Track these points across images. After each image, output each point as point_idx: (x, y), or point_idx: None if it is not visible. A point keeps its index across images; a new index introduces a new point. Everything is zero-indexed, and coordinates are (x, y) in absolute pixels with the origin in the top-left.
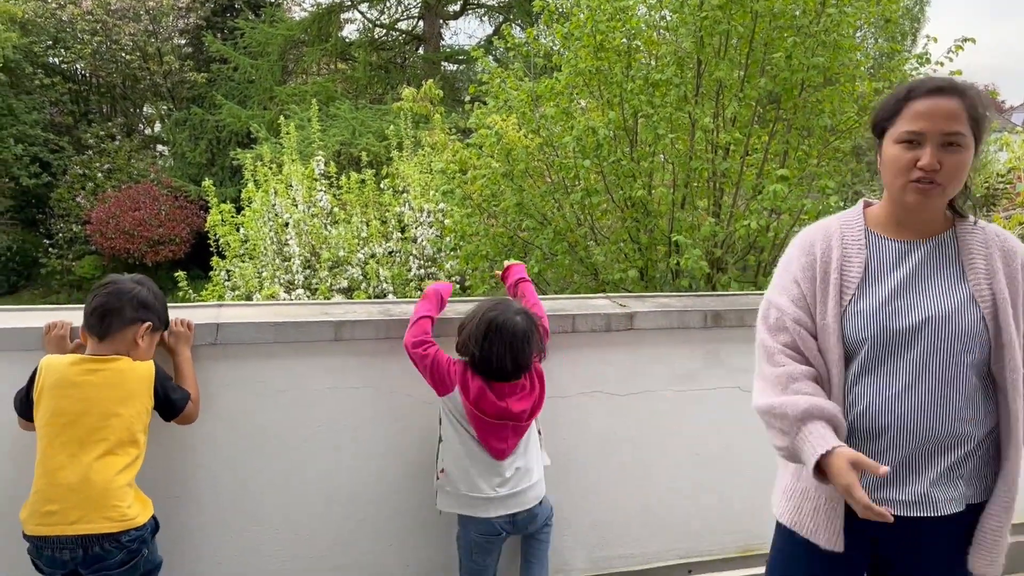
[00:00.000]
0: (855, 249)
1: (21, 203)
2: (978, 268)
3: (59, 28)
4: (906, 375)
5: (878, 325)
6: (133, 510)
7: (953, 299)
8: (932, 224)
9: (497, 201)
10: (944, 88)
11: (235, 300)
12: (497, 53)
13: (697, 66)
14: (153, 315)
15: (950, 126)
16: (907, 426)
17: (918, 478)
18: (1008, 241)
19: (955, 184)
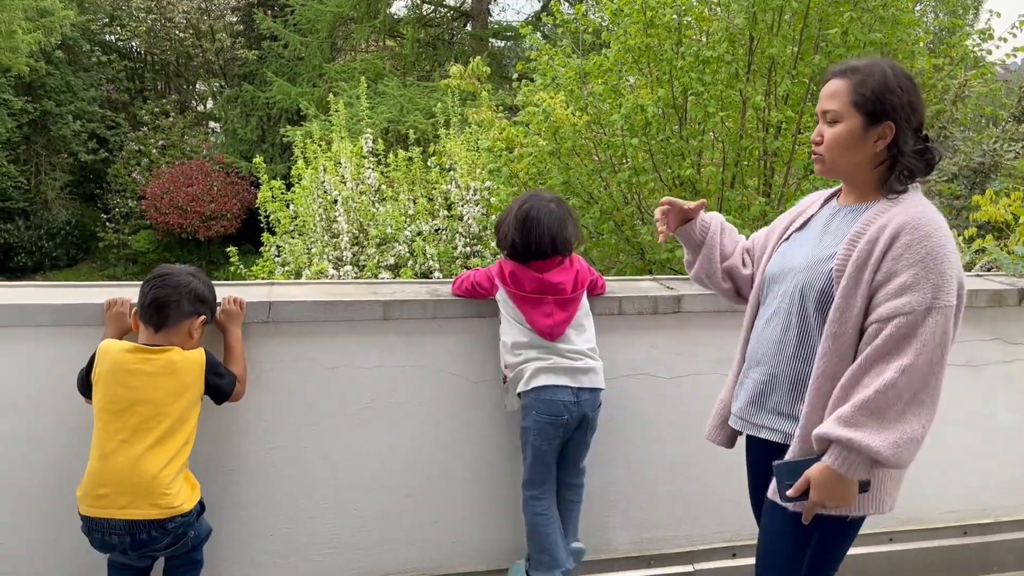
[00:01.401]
0: (810, 209)
1: (80, 178)
2: (856, 231)
3: (115, 6)
4: (770, 309)
5: (773, 265)
6: (180, 497)
7: (820, 253)
8: (863, 194)
9: (543, 179)
10: (836, 71)
11: (285, 276)
12: (545, 29)
13: (749, 43)
14: (207, 308)
15: (827, 104)
16: (760, 356)
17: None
18: (904, 214)
19: (834, 153)
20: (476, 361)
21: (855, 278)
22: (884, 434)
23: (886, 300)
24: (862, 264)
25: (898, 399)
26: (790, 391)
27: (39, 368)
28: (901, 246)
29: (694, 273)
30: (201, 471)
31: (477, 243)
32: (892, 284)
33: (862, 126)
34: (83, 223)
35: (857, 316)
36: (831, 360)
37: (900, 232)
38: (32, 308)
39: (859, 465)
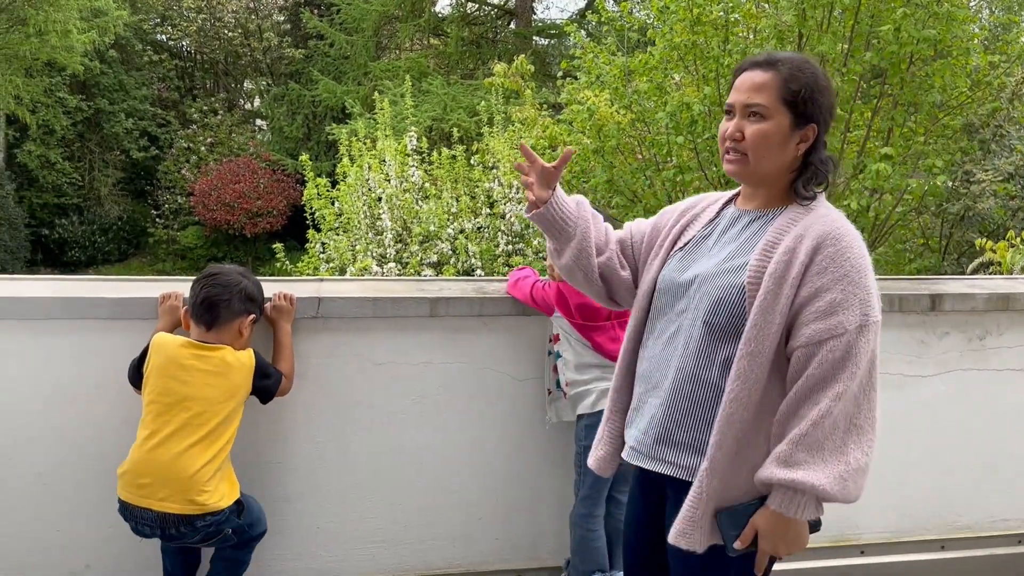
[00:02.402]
0: (707, 213)
1: (131, 175)
2: (768, 241)
3: (166, 6)
4: (670, 328)
5: (669, 277)
6: (215, 496)
7: (727, 264)
8: (771, 199)
9: (587, 178)
10: (760, 62)
11: (329, 272)
12: (589, 27)
13: (798, 40)
14: (256, 307)
15: (751, 97)
16: (658, 378)
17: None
18: (821, 224)
19: (758, 153)
20: (521, 359)
21: (773, 293)
22: (827, 469)
23: (815, 320)
24: (780, 278)
25: (835, 429)
26: (695, 420)
27: (96, 359)
28: (824, 259)
29: (565, 263)
30: (251, 464)
31: (519, 241)
32: (820, 302)
33: (790, 125)
34: (134, 219)
35: (775, 335)
36: (745, 382)
37: (821, 244)
38: (90, 301)
39: (806, 505)
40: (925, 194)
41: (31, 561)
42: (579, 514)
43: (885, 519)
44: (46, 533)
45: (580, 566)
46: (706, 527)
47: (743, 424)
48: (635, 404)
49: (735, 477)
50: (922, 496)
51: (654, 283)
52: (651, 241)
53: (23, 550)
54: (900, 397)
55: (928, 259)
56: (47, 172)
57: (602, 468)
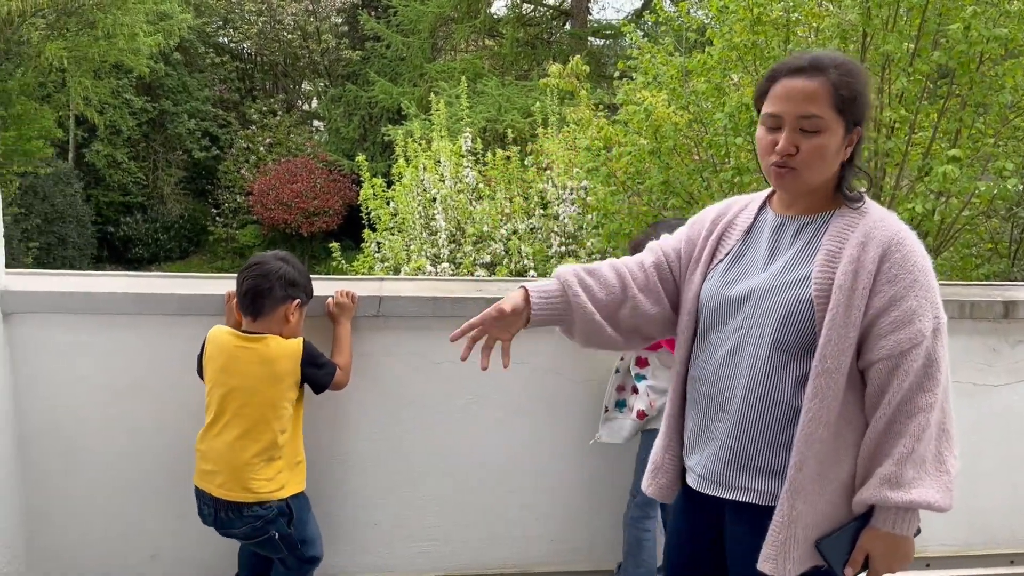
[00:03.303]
0: (742, 220)
1: (192, 175)
2: (829, 250)
3: (229, 9)
4: (725, 345)
5: (718, 293)
6: (266, 487)
7: (787, 276)
8: (815, 203)
9: (642, 179)
10: (804, 68)
11: (384, 271)
12: (646, 27)
13: (862, 39)
14: (300, 291)
15: (804, 108)
16: (723, 401)
17: (711, 450)
18: (881, 229)
19: (813, 168)
20: (579, 361)
21: (845, 306)
22: (935, 482)
23: (893, 331)
24: (850, 289)
25: (931, 440)
26: (769, 442)
27: (164, 353)
28: (893, 266)
29: (579, 343)
30: (310, 460)
31: (572, 242)
32: (895, 311)
33: (843, 133)
34: (195, 217)
35: (850, 349)
36: (824, 400)
37: (887, 251)
38: (160, 297)
39: (913, 519)
40: (994, 197)
41: (99, 549)
42: (634, 516)
43: (953, 532)
44: (115, 522)
45: (632, 569)
46: (793, 552)
47: (823, 443)
48: (696, 428)
49: (820, 498)
50: (992, 509)
51: (697, 301)
52: (687, 255)
53: (92, 538)
54: (971, 406)
55: (996, 264)
56: (113, 171)
57: (664, 496)
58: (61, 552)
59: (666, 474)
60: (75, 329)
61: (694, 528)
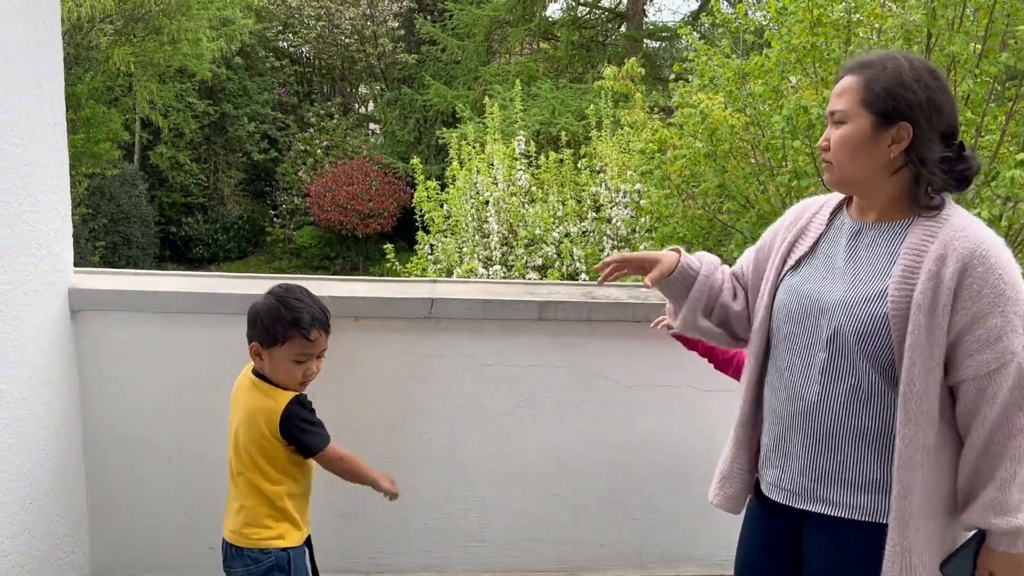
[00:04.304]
0: (815, 225)
1: (251, 176)
2: (906, 264)
3: (288, 14)
4: (802, 357)
5: (794, 302)
6: (264, 533)
7: (864, 289)
8: (890, 210)
9: (697, 182)
10: (851, 68)
11: (436, 273)
12: (703, 29)
13: (927, 40)
14: (257, 332)
15: (834, 103)
16: (797, 416)
17: (796, 465)
18: (962, 240)
19: (842, 159)
20: (630, 365)
21: (927, 326)
22: None
23: (979, 350)
24: (930, 309)
25: None
26: (850, 456)
27: (222, 351)
28: (975, 281)
29: (679, 326)
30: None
31: (625, 246)
32: (979, 329)
33: (872, 127)
34: (253, 218)
35: (937, 368)
36: (919, 426)
37: (968, 265)
38: (219, 297)
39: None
40: None
41: (160, 540)
42: None
43: None
44: (173, 515)
45: None
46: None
47: (924, 469)
48: (772, 441)
49: (930, 521)
50: None
51: (770, 309)
52: (759, 263)
53: (153, 529)
54: None
55: None
56: (176, 173)
57: (731, 506)
58: (123, 543)
59: (734, 484)
60: (139, 326)
61: (768, 539)
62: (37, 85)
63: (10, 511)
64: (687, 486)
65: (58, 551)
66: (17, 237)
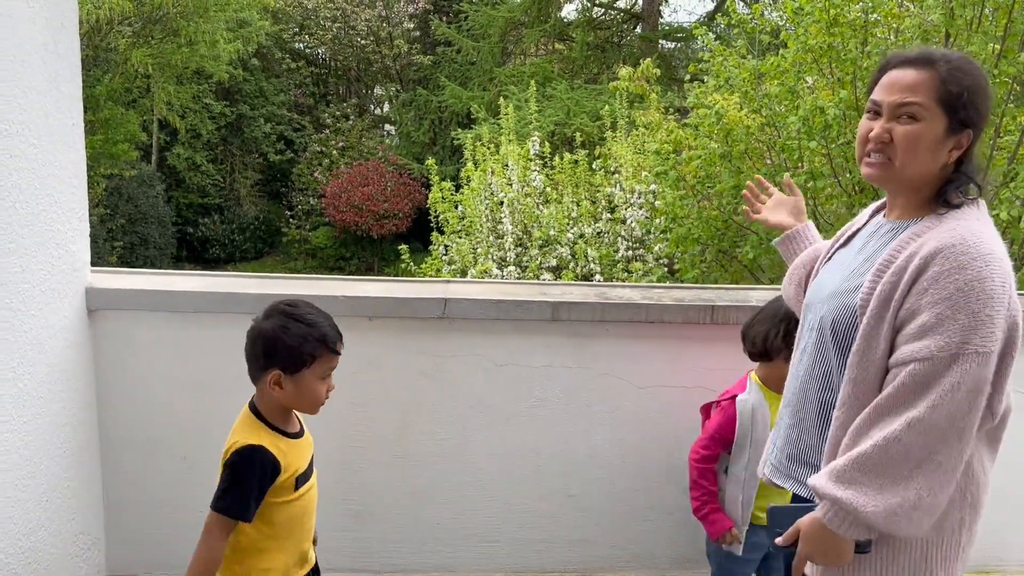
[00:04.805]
0: (858, 221)
1: (268, 177)
2: (885, 258)
3: (304, 16)
4: (800, 345)
5: (809, 290)
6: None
7: (847, 283)
8: (910, 208)
9: (712, 183)
10: (914, 60)
11: (451, 274)
12: (718, 30)
13: (945, 40)
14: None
15: (904, 96)
16: (790, 396)
17: (778, 443)
18: (940, 239)
19: (906, 157)
20: (643, 366)
21: (877, 316)
22: (881, 497)
23: (905, 343)
24: (885, 299)
25: (906, 458)
26: (817, 439)
27: (238, 351)
28: (928, 279)
29: (783, 294)
30: (376, 458)
31: (639, 247)
32: (913, 324)
33: (945, 129)
34: (269, 219)
35: (880, 360)
36: (851, 409)
37: (929, 262)
38: (234, 297)
39: (852, 525)
40: None
41: (174, 539)
42: None
43: None
44: (189, 513)
45: None
46: None
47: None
48: (776, 420)
49: None
50: None
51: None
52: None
53: (167, 526)
54: None
55: None
56: (193, 174)
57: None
58: (139, 540)
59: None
60: (155, 326)
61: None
62: (55, 86)
63: (27, 508)
64: None
65: (75, 548)
66: (35, 236)
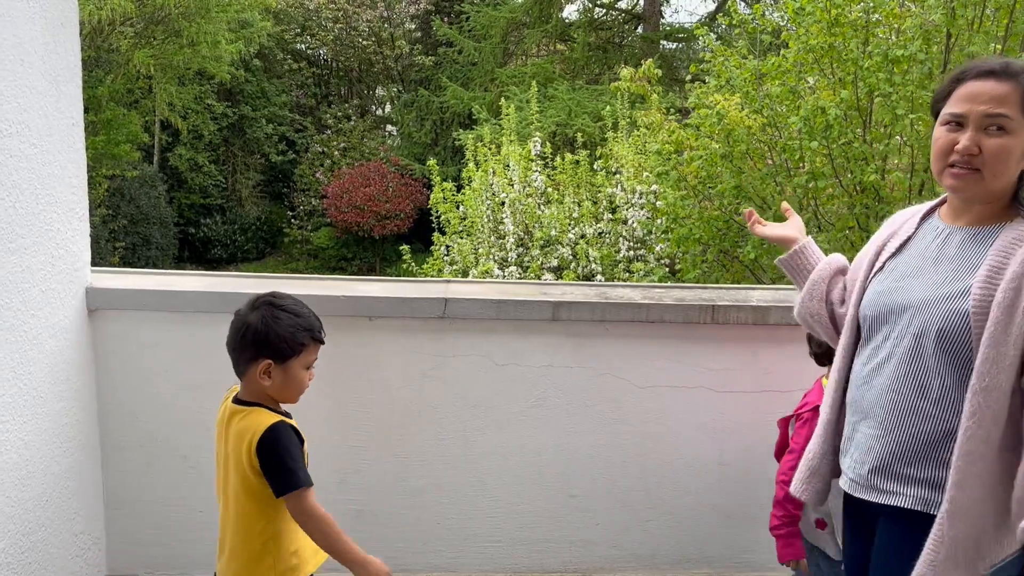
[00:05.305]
0: (905, 230)
1: (269, 178)
2: (992, 265)
3: (306, 17)
4: (880, 353)
5: (877, 301)
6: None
7: (947, 288)
8: (987, 214)
9: (713, 183)
10: (995, 71)
11: (452, 274)
12: (720, 30)
13: (946, 40)
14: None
15: (992, 108)
16: (869, 407)
17: (860, 455)
18: None
19: (997, 170)
20: (643, 366)
21: (1004, 323)
22: None
23: None
24: (1010, 307)
25: None
26: (916, 452)
27: None
28: None
29: (797, 310)
30: (378, 459)
31: (640, 247)
32: None
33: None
34: (271, 219)
35: (1010, 367)
36: (981, 420)
37: None
38: (233, 296)
39: None
40: None
41: (175, 538)
42: None
43: None
44: (189, 512)
45: None
46: (949, 572)
47: (985, 463)
48: (848, 433)
49: (983, 518)
50: None
51: (857, 310)
52: (854, 271)
53: (167, 526)
54: None
55: None
56: (195, 174)
57: (818, 499)
58: (139, 540)
59: (822, 479)
60: (155, 325)
61: (853, 530)
62: (55, 86)
63: (27, 507)
64: (701, 487)
65: (75, 547)
66: (35, 236)
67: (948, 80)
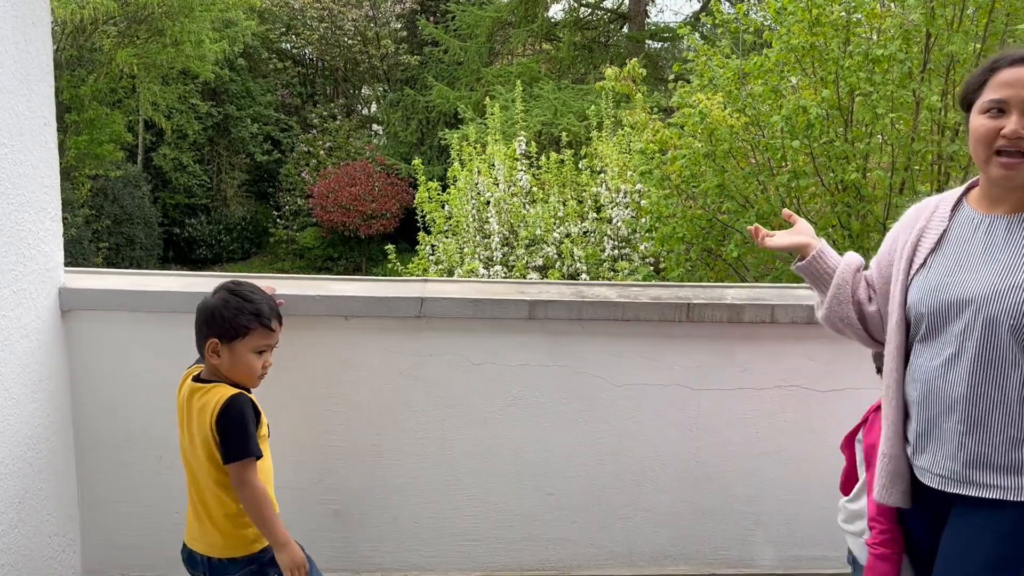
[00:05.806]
0: (936, 222)
1: (255, 177)
2: None
3: (291, 16)
4: (948, 348)
5: (932, 297)
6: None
7: (1008, 279)
8: (1021, 200)
9: (697, 182)
10: None
11: (438, 274)
12: (704, 30)
13: (926, 39)
14: (215, 328)
15: None
16: (951, 402)
17: (946, 450)
18: None
19: None
20: (620, 364)
21: None
22: None
23: None
24: None
25: None
26: (1001, 440)
27: None
28: None
29: (825, 315)
30: (355, 457)
31: (625, 246)
32: None
33: None
34: (256, 219)
35: None
36: None
37: None
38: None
39: None
40: None
41: (150, 541)
42: None
43: None
44: (165, 513)
45: None
46: None
47: None
48: (923, 430)
49: None
50: None
51: (904, 307)
52: (882, 268)
53: (143, 527)
54: None
55: None
56: (179, 174)
57: (907, 501)
58: (115, 541)
59: (904, 480)
60: (130, 326)
61: (930, 523)
62: (26, 85)
63: (1, 509)
64: (678, 485)
65: (49, 549)
66: (6, 236)
67: (980, 71)
